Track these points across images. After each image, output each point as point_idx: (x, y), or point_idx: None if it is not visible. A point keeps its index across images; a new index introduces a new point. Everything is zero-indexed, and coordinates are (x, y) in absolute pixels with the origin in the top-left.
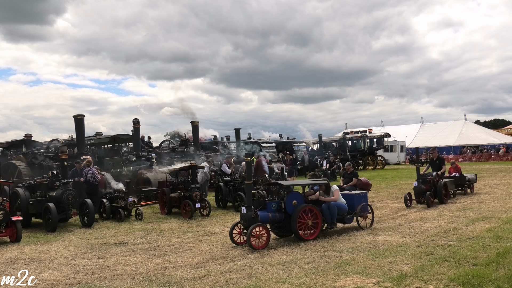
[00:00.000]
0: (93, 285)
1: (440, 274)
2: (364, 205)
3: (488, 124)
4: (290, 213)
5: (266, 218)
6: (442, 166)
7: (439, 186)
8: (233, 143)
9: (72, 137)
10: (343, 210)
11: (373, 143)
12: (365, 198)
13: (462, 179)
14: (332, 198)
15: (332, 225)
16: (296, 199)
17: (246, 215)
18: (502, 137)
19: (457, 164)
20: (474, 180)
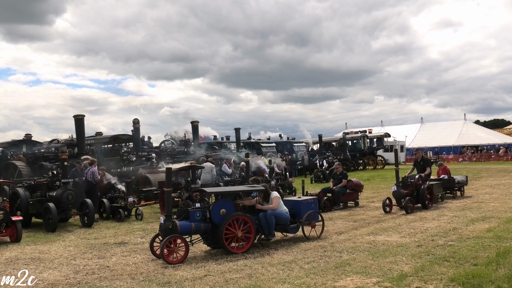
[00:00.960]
0: (93, 285)
1: (440, 274)
2: (312, 213)
3: (488, 124)
4: (217, 223)
5: (187, 228)
6: (426, 168)
7: (422, 190)
8: (233, 143)
9: (72, 137)
10: (283, 220)
11: (373, 143)
12: (315, 205)
13: (451, 181)
14: (269, 207)
15: (269, 236)
16: (225, 207)
17: (163, 225)
18: (502, 137)
19: (446, 166)
20: (464, 182)
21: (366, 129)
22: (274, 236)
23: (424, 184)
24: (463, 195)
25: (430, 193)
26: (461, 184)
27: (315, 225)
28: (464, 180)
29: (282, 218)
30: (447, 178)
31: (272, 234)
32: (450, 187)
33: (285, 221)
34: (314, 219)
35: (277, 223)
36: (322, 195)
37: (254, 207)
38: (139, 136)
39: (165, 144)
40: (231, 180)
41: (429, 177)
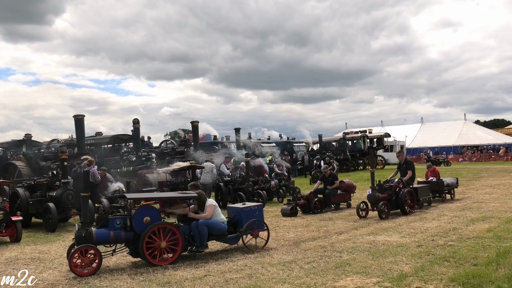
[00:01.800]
0: (93, 285)
1: (440, 274)
2: (254, 222)
3: (488, 124)
4: (139, 232)
5: (105, 237)
6: (408, 171)
7: (401, 194)
8: (233, 143)
9: (72, 137)
10: (217, 230)
11: (373, 143)
12: (259, 212)
13: (440, 184)
14: (201, 215)
15: (200, 247)
16: (149, 215)
17: (77, 233)
18: (502, 137)
19: (435, 167)
20: (454, 185)
21: (366, 129)
22: (207, 247)
23: (404, 188)
24: (453, 198)
25: (411, 197)
26: (451, 187)
27: (258, 235)
28: (454, 183)
29: (216, 228)
30: (435, 181)
31: (204, 246)
32: (438, 190)
33: (221, 231)
34: (257, 229)
35: (211, 233)
36: (312, 196)
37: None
38: (139, 136)
39: (165, 144)
40: (231, 180)
41: (412, 181)
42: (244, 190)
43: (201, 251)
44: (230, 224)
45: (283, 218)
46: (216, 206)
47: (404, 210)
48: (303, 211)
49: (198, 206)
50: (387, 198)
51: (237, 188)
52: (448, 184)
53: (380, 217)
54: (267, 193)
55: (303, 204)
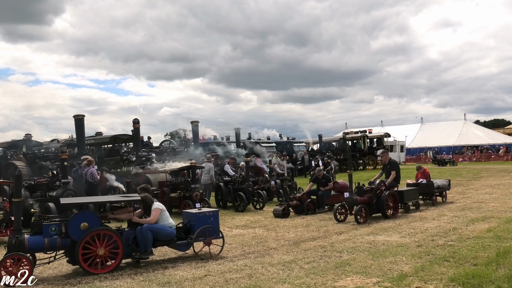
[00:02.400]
0: (93, 285)
1: (440, 274)
2: (207, 228)
3: (488, 124)
4: (75, 239)
5: (39, 245)
6: (392, 172)
7: (383, 197)
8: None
9: (72, 137)
10: (163, 235)
11: (373, 143)
12: (214, 219)
13: (429, 186)
14: (146, 220)
15: (143, 254)
16: (87, 220)
17: (8, 241)
18: (502, 137)
19: (425, 169)
20: (446, 187)
21: (366, 129)
22: (151, 254)
23: (386, 191)
24: (445, 200)
25: (394, 201)
26: (442, 189)
27: (211, 243)
28: (445, 185)
29: (162, 233)
30: (425, 183)
31: (148, 252)
32: (428, 192)
33: (167, 237)
34: (211, 236)
35: (157, 238)
36: (305, 197)
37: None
38: (139, 136)
39: (165, 144)
40: (231, 180)
41: (396, 183)
42: (244, 190)
43: (144, 258)
44: (182, 230)
45: (283, 218)
46: (162, 210)
47: (385, 214)
48: (296, 212)
49: (144, 210)
50: (367, 201)
51: (237, 188)
52: (439, 186)
53: (357, 222)
54: (267, 193)
55: (295, 205)
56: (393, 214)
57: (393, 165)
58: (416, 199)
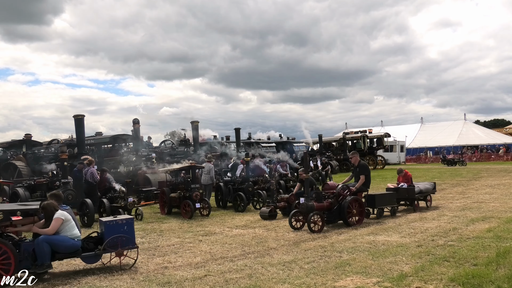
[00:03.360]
0: (93, 285)
1: (440, 274)
2: (119, 238)
3: (488, 124)
4: None
5: None
6: (361, 176)
7: (344, 203)
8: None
9: (72, 137)
10: (63, 247)
11: (373, 143)
12: (128, 228)
13: (410, 191)
14: (44, 231)
15: (39, 268)
16: None
17: None
18: (502, 137)
19: (407, 172)
20: (430, 191)
21: (366, 129)
22: (49, 267)
23: (350, 196)
24: (429, 206)
25: (360, 207)
26: (425, 193)
27: (123, 254)
28: (429, 188)
29: (62, 245)
30: (405, 187)
31: (45, 266)
32: (408, 197)
33: (69, 249)
34: (123, 246)
35: (57, 251)
36: (294, 198)
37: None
38: (139, 136)
39: (165, 144)
40: (231, 180)
41: (365, 188)
42: (244, 190)
43: (39, 272)
44: (93, 240)
45: (270, 220)
46: (65, 220)
47: (347, 221)
48: (284, 213)
49: (46, 219)
50: (327, 208)
51: (237, 188)
52: (421, 191)
53: (310, 230)
54: (267, 193)
55: (283, 207)
56: (358, 222)
57: (363, 168)
58: (393, 205)
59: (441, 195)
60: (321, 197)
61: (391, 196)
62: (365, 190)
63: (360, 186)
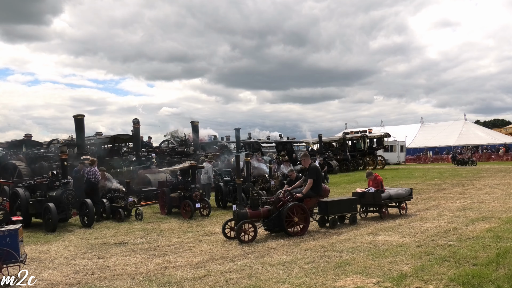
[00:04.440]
0: (93, 285)
1: (440, 274)
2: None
3: (488, 124)
4: None
5: None
6: (308, 180)
7: (283, 211)
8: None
9: (72, 137)
10: None
11: (373, 143)
12: (11, 240)
13: (376, 196)
14: None
15: None
16: None
17: None
18: (502, 137)
19: (377, 176)
20: (403, 197)
21: (366, 129)
22: None
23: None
24: (404, 213)
25: (303, 210)
26: (397, 199)
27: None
28: (403, 194)
29: None
30: (372, 192)
31: None
32: (375, 203)
33: None
34: (6, 260)
35: None
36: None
37: None
38: (139, 136)
39: (165, 144)
40: (231, 180)
41: (314, 193)
42: (244, 190)
43: None
44: None
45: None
46: None
47: (286, 231)
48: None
49: None
50: (264, 215)
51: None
52: (390, 197)
53: (240, 241)
54: (267, 193)
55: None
56: (301, 231)
57: (311, 172)
58: (352, 212)
59: (441, 195)
60: (257, 204)
61: (350, 202)
62: (314, 196)
63: (308, 191)
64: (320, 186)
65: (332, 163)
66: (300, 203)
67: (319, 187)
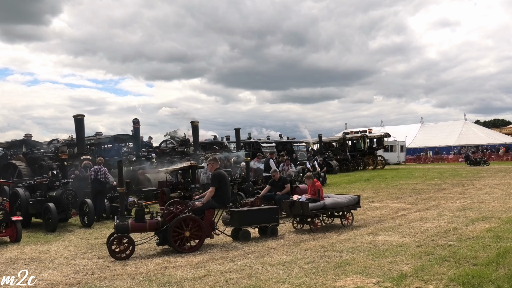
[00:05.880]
0: (93, 285)
1: (440, 274)
2: None
3: (488, 124)
4: None
5: None
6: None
7: (171, 224)
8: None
9: (72, 137)
10: None
11: (373, 143)
12: None
13: (304, 207)
14: None
15: None
16: None
17: None
18: (502, 137)
19: (316, 181)
20: (346, 206)
21: (366, 129)
22: None
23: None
24: (348, 224)
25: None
26: (337, 209)
27: None
28: (343, 204)
29: None
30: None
31: None
32: (303, 214)
33: None
34: None
35: None
36: (259, 202)
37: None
38: (139, 136)
39: (165, 144)
40: (231, 180)
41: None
42: (244, 190)
43: None
44: None
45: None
46: None
47: (173, 246)
48: None
49: None
50: (152, 228)
51: (237, 188)
52: (324, 207)
53: (114, 257)
54: None
55: None
56: (193, 247)
57: (213, 179)
58: (272, 223)
59: (441, 195)
60: (142, 215)
61: (269, 212)
62: (217, 207)
63: (210, 201)
64: (225, 195)
65: (332, 163)
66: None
67: (224, 197)
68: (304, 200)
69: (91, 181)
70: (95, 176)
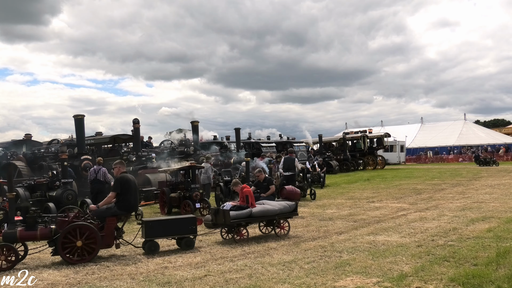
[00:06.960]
0: (93, 285)
1: (440, 274)
2: None
3: (488, 124)
4: None
5: None
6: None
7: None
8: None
9: (72, 137)
10: None
11: (373, 143)
12: None
13: (225, 215)
14: None
15: None
16: None
17: None
18: (502, 137)
19: (245, 187)
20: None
21: (366, 129)
22: None
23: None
24: (281, 233)
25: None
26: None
27: None
28: (273, 212)
29: None
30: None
31: None
32: (225, 223)
33: None
34: None
35: None
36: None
37: None
38: (139, 136)
39: (165, 144)
40: (231, 180)
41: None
42: None
43: None
44: None
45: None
46: None
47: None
48: None
49: None
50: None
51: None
52: (250, 215)
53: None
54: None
55: None
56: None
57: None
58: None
59: (441, 195)
60: (34, 223)
61: (184, 222)
62: (119, 214)
63: (110, 207)
64: (129, 201)
65: (332, 163)
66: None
67: (127, 203)
68: (228, 207)
69: (91, 181)
70: (95, 176)
